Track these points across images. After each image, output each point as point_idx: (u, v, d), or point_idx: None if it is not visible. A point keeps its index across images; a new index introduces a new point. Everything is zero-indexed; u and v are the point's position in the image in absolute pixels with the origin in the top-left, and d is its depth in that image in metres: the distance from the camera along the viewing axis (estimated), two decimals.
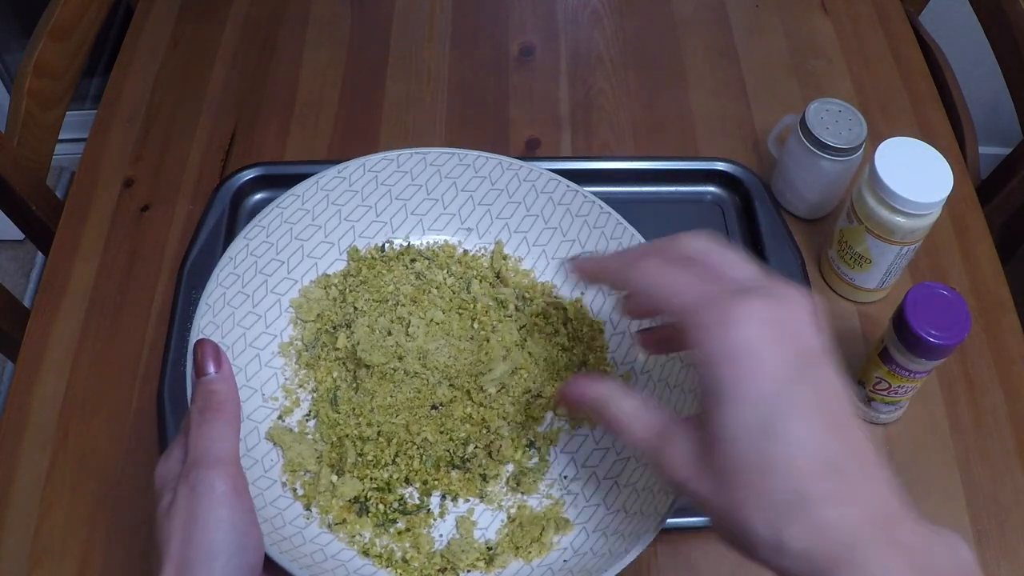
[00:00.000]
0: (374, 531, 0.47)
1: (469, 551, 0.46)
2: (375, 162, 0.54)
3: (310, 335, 0.51)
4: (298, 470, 0.48)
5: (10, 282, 1.60)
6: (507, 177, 0.55)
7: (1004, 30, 0.93)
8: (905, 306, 0.62)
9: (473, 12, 0.99)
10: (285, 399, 0.50)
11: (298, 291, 0.52)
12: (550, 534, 0.47)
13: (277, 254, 0.51)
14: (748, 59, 0.95)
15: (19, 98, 0.85)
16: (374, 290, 0.52)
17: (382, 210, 0.55)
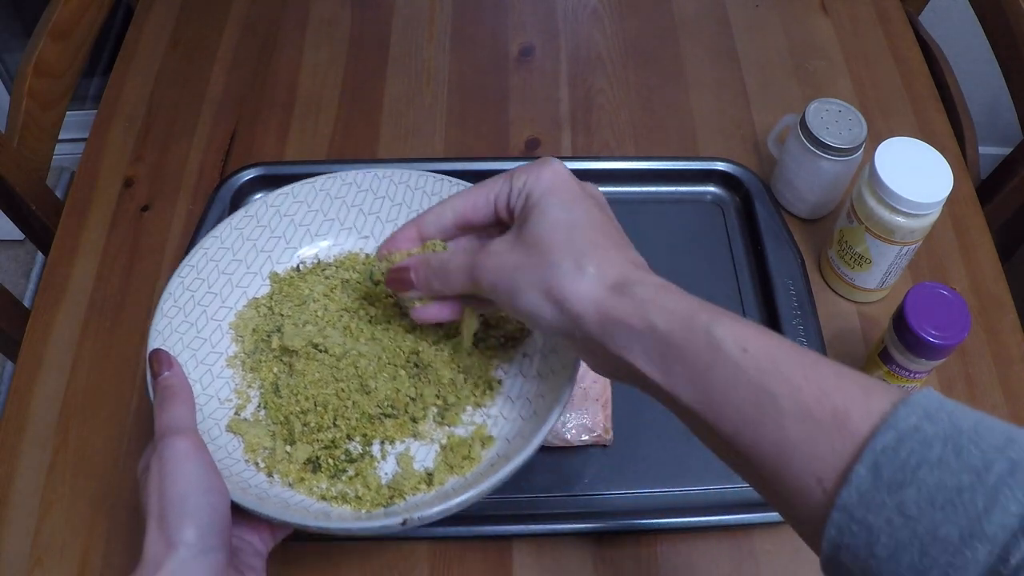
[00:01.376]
0: (329, 482, 0.55)
1: (411, 478, 0.55)
2: (275, 198, 0.63)
3: (249, 346, 0.61)
4: (257, 449, 0.56)
5: (10, 282, 1.60)
6: (384, 184, 0.65)
7: (1004, 30, 0.93)
8: (905, 306, 0.62)
9: (473, 12, 0.99)
10: (238, 399, 0.59)
11: (234, 315, 0.61)
12: (477, 449, 0.57)
13: (209, 288, 0.61)
14: (748, 59, 0.95)
15: (19, 98, 0.85)
16: (295, 299, 0.62)
17: (290, 237, 0.64)
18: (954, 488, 0.32)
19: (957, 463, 0.33)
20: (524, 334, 0.61)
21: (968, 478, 0.32)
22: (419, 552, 0.64)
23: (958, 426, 0.34)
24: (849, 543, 0.35)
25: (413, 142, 0.87)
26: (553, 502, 0.66)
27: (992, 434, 0.34)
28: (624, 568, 0.64)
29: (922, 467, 0.33)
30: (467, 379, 0.59)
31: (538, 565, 0.64)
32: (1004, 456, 0.33)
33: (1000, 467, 0.32)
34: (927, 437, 0.34)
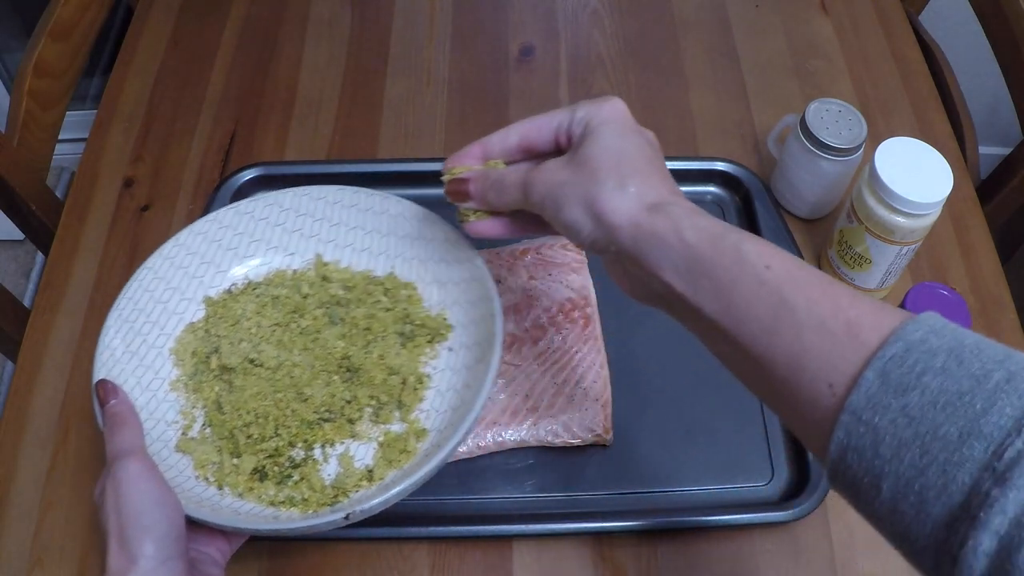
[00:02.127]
0: (276, 488, 0.58)
1: (352, 476, 0.59)
2: (201, 224, 0.66)
3: (190, 368, 0.64)
4: (206, 465, 0.59)
5: (10, 282, 1.60)
6: (304, 202, 0.68)
7: (1004, 30, 0.93)
8: (905, 306, 0.62)
9: (473, 12, 0.99)
10: (183, 420, 0.62)
11: (173, 341, 0.64)
12: (413, 442, 0.60)
13: (147, 316, 0.64)
14: (748, 59, 0.95)
15: (19, 98, 0.85)
16: (229, 319, 0.65)
17: (220, 261, 0.67)
18: (955, 392, 0.35)
19: (959, 371, 0.35)
20: (449, 330, 0.65)
21: (968, 383, 0.35)
22: (419, 552, 0.64)
23: (961, 341, 0.36)
24: (856, 444, 0.37)
25: (413, 142, 0.87)
26: (553, 502, 0.66)
27: (993, 349, 0.36)
28: (624, 568, 0.64)
29: (927, 373, 0.35)
30: (397, 377, 0.63)
31: (538, 565, 0.64)
32: (1002, 367, 0.35)
33: (998, 375, 0.35)
34: (932, 348, 0.36)
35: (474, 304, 0.64)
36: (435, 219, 0.66)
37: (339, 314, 0.65)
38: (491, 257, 0.74)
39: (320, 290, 0.67)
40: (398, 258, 0.68)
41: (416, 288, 0.67)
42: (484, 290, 0.63)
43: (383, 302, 0.66)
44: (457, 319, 0.66)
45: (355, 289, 0.67)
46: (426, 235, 0.67)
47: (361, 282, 0.68)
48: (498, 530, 0.64)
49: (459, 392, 0.62)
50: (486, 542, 0.65)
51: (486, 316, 0.62)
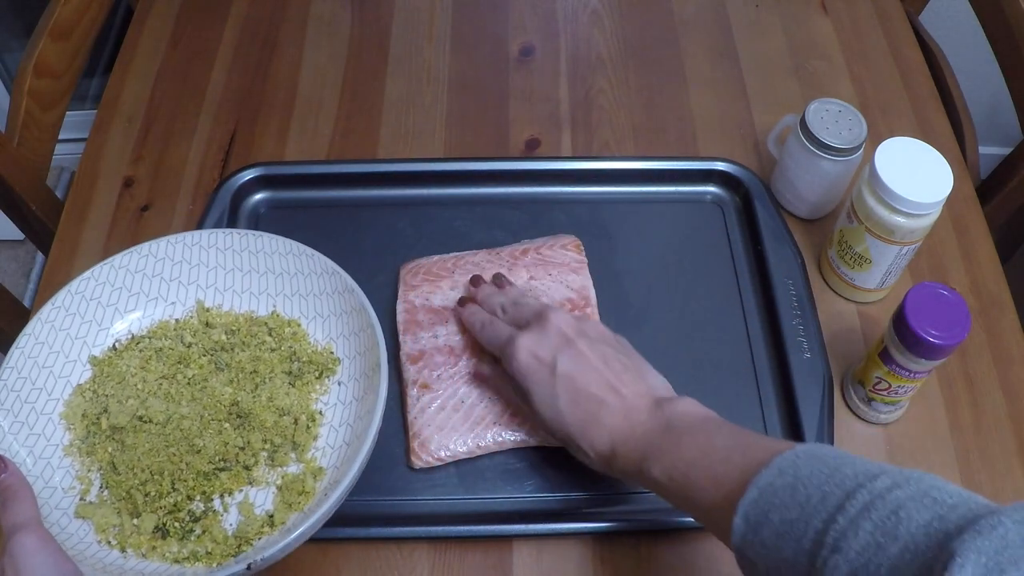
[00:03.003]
0: (179, 544, 0.58)
1: (254, 524, 0.59)
2: (77, 284, 0.65)
3: (81, 431, 0.63)
4: (107, 528, 0.59)
5: (10, 282, 1.60)
6: (179, 249, 0.68)
7: (1004, 30, 0.93)
8: (905, 306, 0.62)
9: (473, 12, 0.99)
10: (80, 484, 0.61)
11: (63, 404, 0.64)
12: (311, 482, 0.60)
13: (33, 383, 0.63)
14: (748, 59, 0.95)
15: (19, 98, 0.85)
16: (115, 377, 0.65)
17: (100, 318, 0.66)
18: (789, 521, 0.45)
19: (791, 501, 0.45)
20: (337, 363, 0.66)
21: (796, 512, 0.45)
22: (419, 552, 0.64)
23: (798, 475, 0.46)
24: (748, 569, 0.49)
25: (413, 142, 0.87)
26: (553, 502, 0.66)
27: (820, 474, 0.46)
28: (624, 568, 0.64)
29: (771, 511, 0.46)
30: (289, 418, 0.63)
31: (538, 565, 0.64)
32: (820, 489, 0.45)
33: (815, 498, 0.44)
34: (775, 488, 0.47)
35: (358, 334, 0.65)
36: (311, 253, 0.67)
37: (224, 360, 0.65)
38: (491, 257, 0.74)
39: (204, 337, 0.67)
40: (279, 296, 0.69)
41: (300, 324, 0.68)
42: (366, 318, 0.63)
43: (268, 342, 0.67)
44: (344, 351, 0.66)
45: (239, 332, 0.67)
46: (304, 269, 0.67)
47: (244, 324, 0.68)
48: (498, 530, 0.64)
49: (352, 426, 0.62)
50: (486, 542, 0.65)
51: (371, 345, 0.63)
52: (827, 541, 0.42)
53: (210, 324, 0.68)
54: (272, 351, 0.66)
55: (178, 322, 0.68)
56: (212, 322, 0.68)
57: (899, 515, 0.41)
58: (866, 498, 0.42)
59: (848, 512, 0.42)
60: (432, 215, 0.81)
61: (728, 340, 0.74)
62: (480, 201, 0.81)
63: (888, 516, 0.41)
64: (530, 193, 0.82)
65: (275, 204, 0.82)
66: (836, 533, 0.42)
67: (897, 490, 0.42)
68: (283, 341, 0.67)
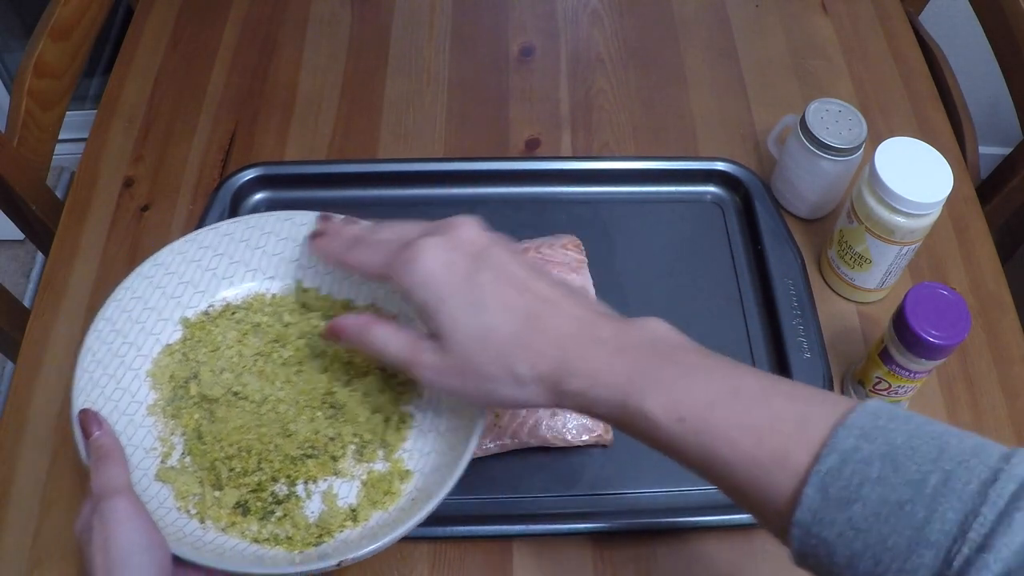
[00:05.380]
0: (259, 524, 0.57)
1: (337, 516, 0.57)
2: (181, 244, 0.65)
3: (168, 393, 0.62)
4: (187, 496, 0.58)
5: (10, 282, 1.60)
6: (287, 227, 0.67)
7: (1004, 30, 0.93)
8: (905, 306, 0.62)
9: (473, 12, 0.99)
10: (162, 447, 0.60)
11: (150, 363, 0.63)
12: (397, 484, 0.59)
13: (125, 338, 0.62)
14: (748, 59, 0.95)
15: (19, 98, 0.85)
16: (208, 344, 0.64)
17: (198, 281, 0.66)
18: (895, 502, 0.37)
19: (896, 478, 0.37)
20: None
21: (907, 491, 0.37)
22: (419, 552, 0.64)
23: (893, 443, 0.38)
24: (812, 553, 0.40)
25: (413, 142, 0.87)
26: (553, 502, 0.66)
27: (926, 446, 0.38)
28: (624, 568, 0.64)
29: (865, 485, 0.38)
30: (380, 416, 0.61)
31: (538, 565, 0.64)
32: (937, 467, 0.37)
33: (935, 479, 0.37)
34: (866, 456, 0.38)
35: None
36: None
37: (320, 346, 0.64)
38: None
39: (302, 319, 0.65)
40: (380, 289, 0.67)
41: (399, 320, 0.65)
42: None
43: None
44: None
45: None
46: None
47: (342, 312, 0.66)
48: (498, 530, 0.64)
49: (443, 435, 0.61)
50: (486, 542, 0.65)
51: None
52: (970, 537, 0.36)
53: (307, 306, 0.66)
54: None
55: (274, 297, 0.67)
56: (310, 304, 0.66)
57: None
58: (1011, 487, 0.36)
59: (995, 503, 0.36)
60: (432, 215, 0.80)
61: (728, 340, 0.74)
62: (480, 201, 0.81)
63: None
64: (530, 193, 0.82)
65: (275, 204, 0.82)
66: (983, 527, 0.35)
67: None
68: None
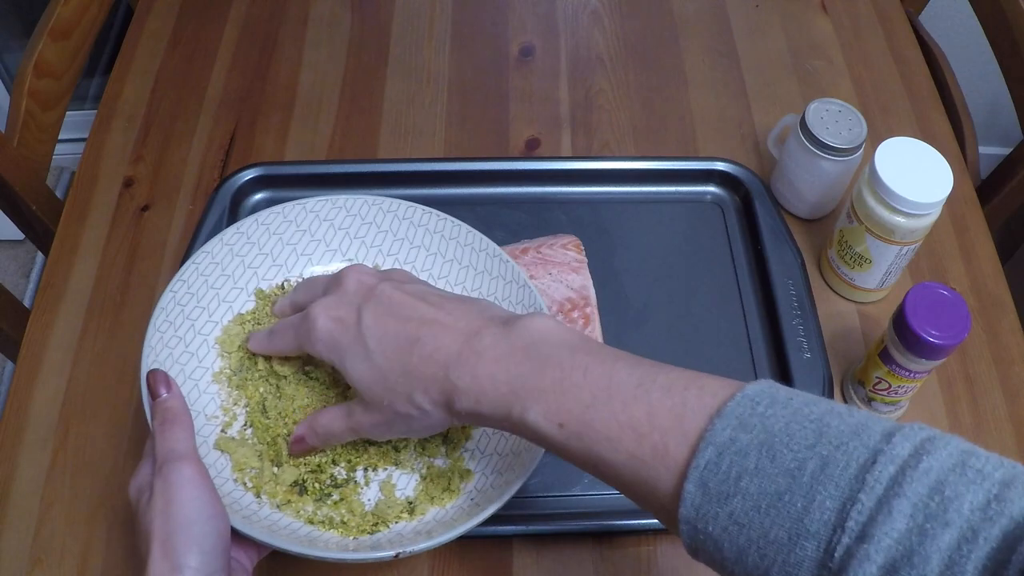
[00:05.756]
0: (315, 505, 0.57)
1: (393, 507, 0.57)
2: (266, 216, 0.65)
3: (235, 363, 0.61)
4: (245, 468, 0.57)
5: (10, 282, 1.60)
6: (373, 211, 0.66)
7: (1004, 30, 0.93)
8: (905, 306, 0.62)
9: (473, 12, 0.99)
10: (224, 416, 0.59)
11: (220, 330, 0.62)
12: (457, 482, 0.58)
13: (199, 302, 0.62)
14: (748, 59, 0.95)
15: (19, 98, 0.85)
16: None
17: (277, 255, 0.66)
18: (774, 493, 0.36)
19: (773, 468, 0.36)
20: None
21: (785, 481, 0.36)
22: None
23: (770, 430, 0.37)
24: (702, 548, 0.39)
25: (413, 142, 0.87)
26: (553, 502, 0.66)
27: (804, 432, 0.37)
28: (624, 568, 0.64)
29: (743, 477, 0.37)
30: None
31: (538, 565, 0.64)
32: (815, 453, 0.36)
33: (811, 466, 0.36)
34: (743, 447, 0.37)
35: None
36: (506, 258, 0.64)
37: None
38: None
39: None
40: (458, 287, 0.66)
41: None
42: None
43: None
44: None
45: None
46: (492, 271, 0.65)
47: None
48: (498, 530, 0.64)
49: (506, 437, 0.60)
50: (486, 542, 0.65)
51: None
52: (848, 526, 0.34)
53: None
54: None
55: None
56: None
57: (944, 494, 0.34)
58: (891, 470, 0.35)
59: (872, 489, 0.34)
60: None
61: (728, 340, 0.74)
62: (480, 201, 0.81)
63: (929, 496, 0.34)
64: (530, 193, 0.82)
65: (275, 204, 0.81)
66: (861, 516, 0.34)
67: (927, 458, 0.35)
68: None
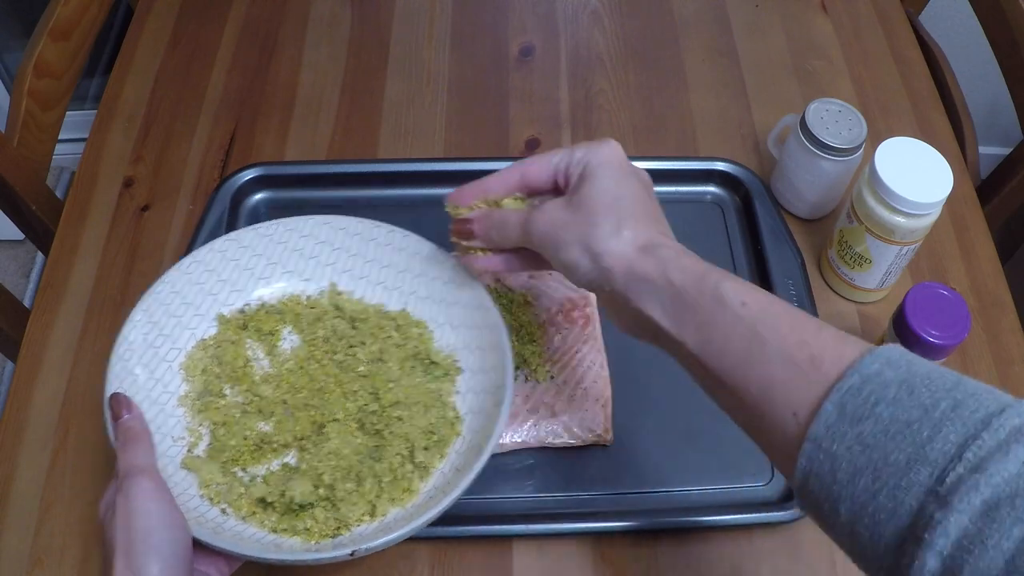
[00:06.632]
0: (279, 516, 0.58)
1: (354, 511, 0.58)
2: (221, 243, 0.66)
3: (199, 386, 0.63)
4: (211, 484, 0.59)
5: (10, 282, 1.60)
6: (324, 230, 0.68)
7: (1004, 30, 0.93)
8: (905, 306, 0.62)
9: (473, 12, 0.99)
10: (190, 437, 0.61)
11: (184, 356, 0.64)
12: (416, 483, 0.60)
13: (160, 331, 0.63)
14: (748, 59, 0.95)
15: (19, 98, 0.85)
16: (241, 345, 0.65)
17: (235, 280, 0.67)
18: (904, 421, 0.38)
19: (909, 400, 0.38)
20: (458, 372, 0.65)
21: (917, 412, 0.38)
22: (419, 552, 0.64)
23: (914, 371, 0.40)
24: (817, 470, 0.40)
25: (413, 142, 0.87)
26: (553, 502, 0.66)
27: (943, 379, 0.39)
28: (624, 568, 0.64)
29: (880, 404, 0.39)
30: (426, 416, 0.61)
31: (538, 565, 0.64)
32: (950, 395, 0.38)
33: (945, 404, 0.38)
34: (886, 380, 0.39)
35: (485, 352, 0.64)
36: (454, 262, 0.66)
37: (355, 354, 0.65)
38: None
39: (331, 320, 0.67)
40: (412, 295, 0.68)
41: (428, 327, 0.67)
42: (497, 339, 0.62)
43: (394, 338, 0.66)
44: (467, 363, 0.65)
45: (367, 322, 0.67)
46: (443, 276, 0.66)
47: (373, 316, 0.67)
48: (498, 530, 0.64)
49: (466, 437, 0.61)
50: (486, 542, 0.65)
51: (496, 365, 0.62)
52: (966, 457, 0.36)
53: (340, 308, 0.68)
54: (397, 347, 0.65)
55: (309, 299, 0.68)
56: (342, 306, 0.68)
57: None
58: (1016, 422, 0.36)
59: (996, 432, 0.36)
60: (432, 215, 0.80)
61: None
62: None
63: None
64: None
65: (275, 204, 0.82)
66: (980, 451, 0.36)
67: None
68: (408, 340, 0.66)
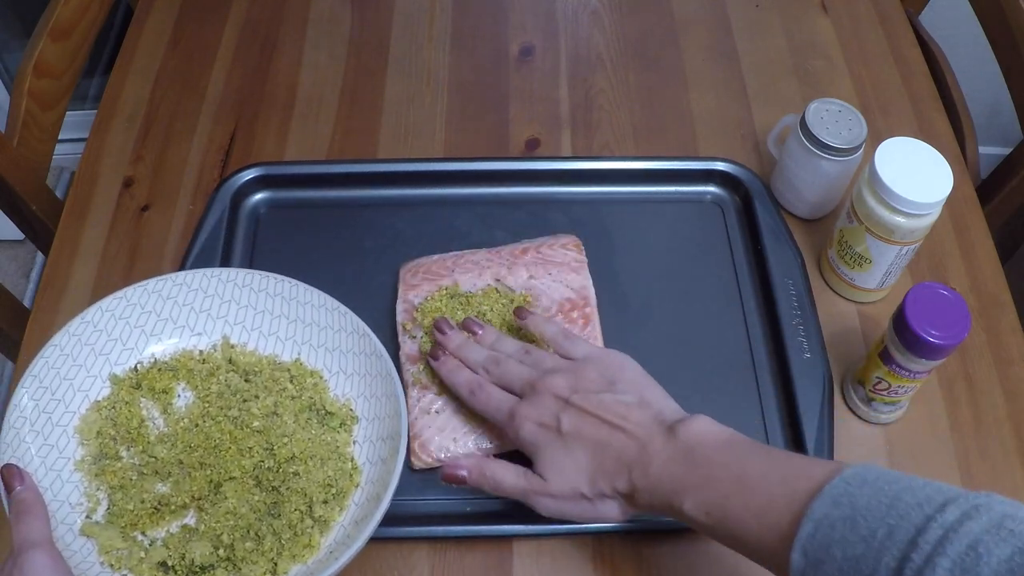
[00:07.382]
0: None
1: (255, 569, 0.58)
2: (109, 302, 0.66)
3: (95, 450, 0.63)
4: (111, 550, 0.59)
5: (10, 282, 1.60)
6: (212, 283, 0.69)
7: (1004, 30, 0.93)
8: (905, 306, 0.62)
9: (473, 12, 0.99)
10: (88, 502, 0.61)
11: (78, 419, 0.64)
12: (316, 537, 0.60)
13: (53, 394, 0.63)
14: (748, 59, 0.95)
15: (19, 98, 0.85)
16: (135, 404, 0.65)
17: (127, 339, 0.67)
18: (852, 557, 0.45)
19: (853, 536, 0.45)
20: (354, 421, 0.66)
21: (861, 547, 0.44)
22: (419, 552, 0.64)
23: (855, 505, 0.46)
24: None
25: (413, 142, 0.87)
26: None
27: (879, 506, 0.45)
28: (624, 568, 0.64)
29: (831, 546, 0.46)
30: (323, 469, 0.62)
31: (538, 565, 0.64)
32: (884, 523, 0.44)
33: (881, 533, 0.44)
34: (832, 521, 0.46)
35: (380, 400, 0.65)
36: (344, 311, 0.67)
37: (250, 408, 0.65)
38: (491, 256, 0.74)
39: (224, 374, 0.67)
40: (305, 345, 0.69)
41: (322, 376, 0.68)
42: (391, 387, 0.63)
43: (289, 390, 0.67)
44: (362, 412, 0.66)
45: (260, 375, 0.67)
46: (334, 325, 0.67)
47: (267, 367, 0.68)
48: (498, 530, 0.64)
49: (362, 488, 0.62)
50: (486, 542, 0.65)
51: (392, 413, 0.63)
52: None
53: (233, 361, 0.68)
54: (292, 399, 0.66)
55: (202, 353, 0.69)
56: (236, 359, 0.68)
57: (977, 551, 0.41)
58: (938, 533, 0.42)
59: (922, 549, 0.42)
60: (432, 215, 0.81)
61: (728, 340, 0.74)
62: (480, 201, 0.81)
63: (966, 552, 0.41)
64: (530, 193, 0.82)
65: (275, 204, 0.82)
66: (912, 572, 0.42)
67: (969, 522, 0.42)
68: (304, 391, 0.67)
